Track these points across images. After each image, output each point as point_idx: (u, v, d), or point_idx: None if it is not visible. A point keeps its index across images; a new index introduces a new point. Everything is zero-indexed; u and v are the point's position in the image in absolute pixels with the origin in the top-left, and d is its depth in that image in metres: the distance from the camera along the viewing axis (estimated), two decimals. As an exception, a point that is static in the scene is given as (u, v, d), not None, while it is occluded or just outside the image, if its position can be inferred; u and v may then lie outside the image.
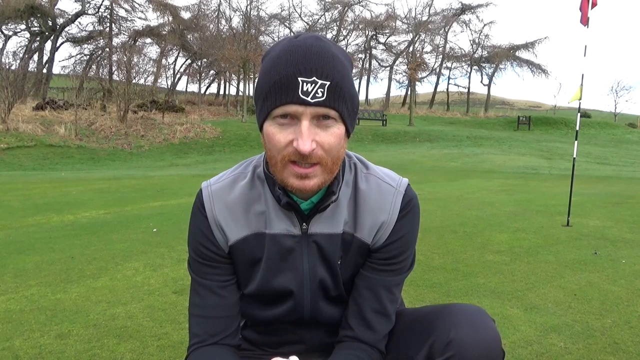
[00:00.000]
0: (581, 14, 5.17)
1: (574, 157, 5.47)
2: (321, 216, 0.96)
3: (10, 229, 4.84)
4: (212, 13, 38.00)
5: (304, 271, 0.98)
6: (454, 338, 0.84)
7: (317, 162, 0.84)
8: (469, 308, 0.90)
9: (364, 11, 46.86)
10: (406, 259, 1.00)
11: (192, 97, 38.50)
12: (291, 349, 1.05)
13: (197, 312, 0.99)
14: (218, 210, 0.97)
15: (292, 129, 0.83)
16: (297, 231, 0.96)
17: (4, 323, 2.36)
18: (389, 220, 0.97)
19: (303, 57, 0.82)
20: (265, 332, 1.07)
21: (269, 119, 0.85)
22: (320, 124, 0.83)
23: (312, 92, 0.80)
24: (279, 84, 0.82)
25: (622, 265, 3.40)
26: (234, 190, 0.98)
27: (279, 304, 1.01)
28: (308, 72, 0.81)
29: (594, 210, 5.82)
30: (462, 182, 10.13)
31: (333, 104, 0.82)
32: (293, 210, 0.95)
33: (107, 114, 24.04)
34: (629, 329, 2.30)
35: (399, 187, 0.98)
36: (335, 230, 0.96)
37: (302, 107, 0.81)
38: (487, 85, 44.40)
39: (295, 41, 0.85)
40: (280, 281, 0.98)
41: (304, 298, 1.00)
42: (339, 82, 0.83)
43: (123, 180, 10.52)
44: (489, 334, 0.86)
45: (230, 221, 0.97)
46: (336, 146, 0.85)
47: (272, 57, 0.86)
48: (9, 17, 30.73)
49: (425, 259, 3.53)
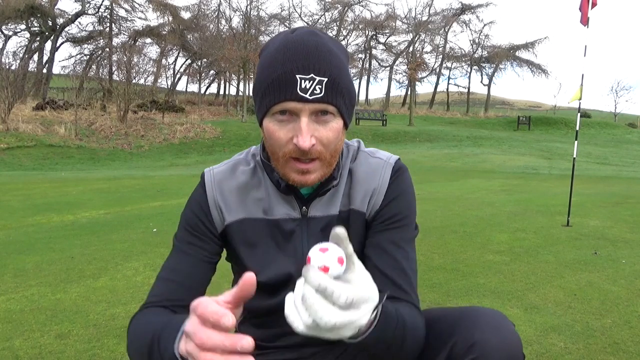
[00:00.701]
0: (581, 14, 5.17)
1: (574, 157, 5.47)
2: (321, 200, 0.98)
3: (10, 229, 4.84)
4: (212, 13, 38.04)
5: (305, 254, 0.98)
6: (478, 340, 0.83)
7: (316, 157, 0.87)
8: (491, 311, 0.90)
9: (364, 11, 46.94)
10: (407, 217, 1.00)
11: (192, 97, 38.50)
12: (289, 341, 1.04)
13: (166, 274, 0.97)
14: (218, 192, 0.99)
15: (291, 125, 0.85)
16: (297, 214, 0.98)
17: (4, 323, 2.36)
18: (380, 186, 0.98)
19: (300, 53, 0.83)
20: (263, 325, 1.07)
21: (268, 115, 0.87)
22: (319, 119, 0.85)
23: (310, 89, 0.82)
24: (277, 81, 0.83)
25: (622, 265, 3.40)
26: (235, 175, 1.00)
27: (280, 290, 1.00)
28: (305, 69, 0.82)
29: (594, 210, 5.82)
30: (462, 182, 10.13)
31: (331, 99, 0.84)
32: (292, 194, 0.97)
33: (107, 114, 24.05)
34: (629, 329, 2.30)
35: (388, 160, 1.01)
36: (334, 211, 0.98)
37: (301, 104, 0.83)
38: (487, 85, 44.45)
39: (291, 37, 0.86)
40: (280, 265, 0.98)
41: None
42: (336, 77, 0.84)
43: (123, 180, 10.52)
44: (512, 338, 0.85)
45: (230, 203, 0.98)
46: (334, 140, 0.87)
47: (269, 53, 0.87)
48: (9, 17, 30.74)
49: (425, 259, 3.53)
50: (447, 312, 0.96)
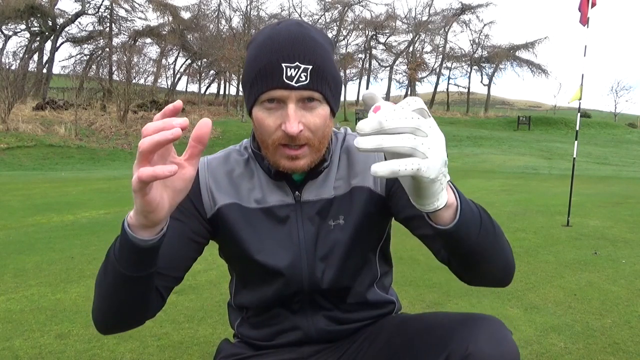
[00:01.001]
0: (581, 14, 5.17)
1: (574, 157, 5.47)
2: (314, 183, 0.99)
3: (10, 229, 4.84)
4: (212, 13, 38.03)
5: (300, 239, 0.99)
6: (472, 352, 0.82)
7: (305, 142, 0.88)
8: (487, 319, 0.88)
9: (364, 11, 46.80)
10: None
11: (192, 97, 38.47)
12: (287, 338, 1.04)
13: None
14: (211, 178, 1.00)
15: (279, 112, 0.87)
16: (290, 200, 0.99)
17: (4, 323, 2.36)
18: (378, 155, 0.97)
19: (285, 43, 0.86)
20: (261, 324, 1.07)
21: (256, 104, 0.89)
22: (306, 106, 0.87)
23: (295, 77, 0.85)
24: (264, 70, 0.86)
25: (622, 265, 3.40)
26: (229, 163, 1.02)
27: (277, 277, 0.99)
28: (291, 58, 0.85)
29: (594, 210, 5.82)
30: (462, 182, 10.13)
31: (316, 86, 0.86)
32: (284, 180, 0.98)
33: (107, 114, 24.06)
34: (629, 329, 2.30)
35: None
36: (328, 194, 0.99)
37: (287, 92, 0.85)
38: (487, 85, 44.41)
39: (277, 28, 0.89)
40: (276, 251, 0.98)
41: (301, 268, 0.99)
42: (321, 65, 0.87)
43: (123, 180, 10.52)
44: (508, 348, 0.83)
45: (222, 186, 0.99)
46: (322, 126, 0.89)
47: (256, 45, 0.90)
48: (9, 17, 30.73)
49: (425, 259, 3.53)
50: (443, 320, 0.94)
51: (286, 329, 1.05)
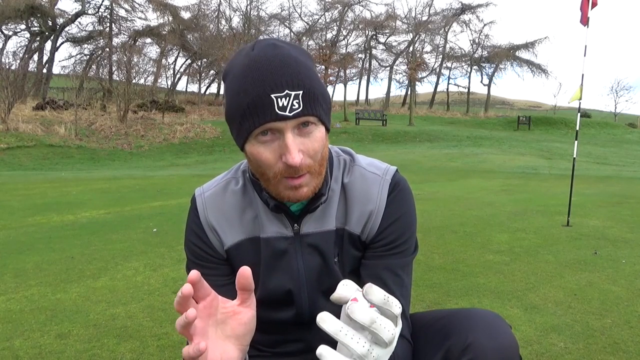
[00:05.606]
0: (581, 13, 5.17)
1: (574, 157, 5.47)
2: (312, 216, 0.96)
3: (10, 229, 4.84)
4: (212, 13, 38.04)
5: (300, 272, 0.98)
6: (472, 343, 0.83)
7: (307, 171, 0.86)
8: (486, 313, 0.89)
9: (364, 11, 46.76)
10: (407, 241, 0.98)
11: (192, 97, 38.49)
12: (291, 347, 1.05)
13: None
14: (212, 216, 0.98)
15: (276, 143, 0.83)
16: (289, 232, 0.97)
17: (4, 323, 2.36)
18: (377, 208, 0.96)
19: (267, 71, 0.81)
20: (266, 330, 1.07)
21: (250, 139, 0.85)
22: (302, 132, 0.84)
23: (288, 106, 0.80)
24: (253, 105, 0.81)
25: (622, 265, 3.40)
26: (227, 196, 0.99)
27: (283, 308, 1.00)
28: (279, 87, 0.80)
29: (594, 210, 5.82)
30: (462, 182, 10.13)
31: (310, 110, 0.82)
32: (283, 212, 0.96)
33: (107, 114, 24.06)
34: (629, 329, 2.30)
35: (384, 176, 0.98)
36: (327, 227, 0.97)
37: (283, 122, 0.81)
38: (487, 85, 44.44)
39: (253, 55, 0.83)
40: (278, 283, 0.98)
41: (302, 299, 0.99)
42: (310, 86, 0.82)
43: (123, 180, 10.52)
44: (508, 340, 0.84)
45: (224, 226, 0.98)
46: (320, 149, 0.86)
47: (236, 77, 0.84)
48: (9, 17, 30.74)
49: (425, 259, 3.53)
50: (443, 314, 0.96)
51: (289, 339, 1.05)
